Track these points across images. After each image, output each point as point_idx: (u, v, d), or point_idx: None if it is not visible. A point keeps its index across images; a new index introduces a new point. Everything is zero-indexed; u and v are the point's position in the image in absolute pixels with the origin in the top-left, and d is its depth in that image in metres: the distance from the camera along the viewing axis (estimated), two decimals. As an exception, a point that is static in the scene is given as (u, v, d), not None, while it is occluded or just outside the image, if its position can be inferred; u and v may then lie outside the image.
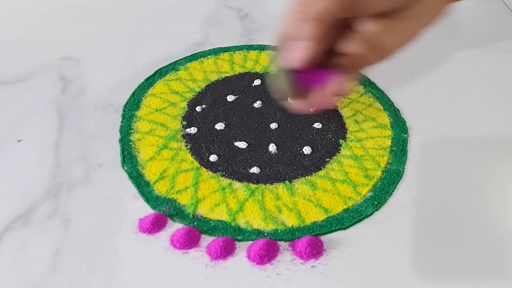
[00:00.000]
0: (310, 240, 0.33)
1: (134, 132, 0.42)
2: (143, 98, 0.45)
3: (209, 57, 0.50)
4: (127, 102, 0.44)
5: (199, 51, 0.51)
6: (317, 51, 0.28)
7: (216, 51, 0.51)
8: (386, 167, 0.39)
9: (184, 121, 0.43)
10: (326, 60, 0.30)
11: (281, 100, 0.33)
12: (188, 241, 0.33)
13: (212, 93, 0.46)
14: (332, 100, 0.32)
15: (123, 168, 0.39)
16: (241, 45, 0.52)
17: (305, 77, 0.31)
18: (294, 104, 0.32)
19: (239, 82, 0.47)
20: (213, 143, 0.41)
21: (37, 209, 0.35)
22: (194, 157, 0.40)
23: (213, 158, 0.39)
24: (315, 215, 0.36)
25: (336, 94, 0.31)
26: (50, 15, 0.56)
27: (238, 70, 0.49)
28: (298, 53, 0.28)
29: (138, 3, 0.58)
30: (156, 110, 0.44)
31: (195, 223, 0.35)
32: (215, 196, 0.37)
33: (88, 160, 0.39)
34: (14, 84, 0.46)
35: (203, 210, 0.36)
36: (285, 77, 0.31)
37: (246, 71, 0.48)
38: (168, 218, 0.35)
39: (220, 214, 0.35)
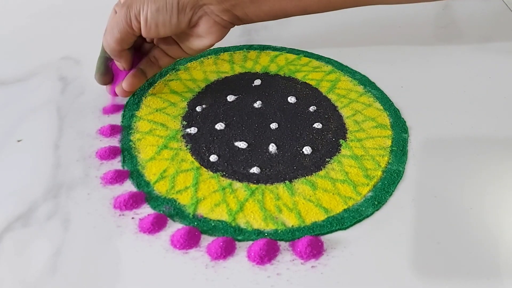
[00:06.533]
0: (310, 240, 0.33)
1: (134, 132, 0.42)
2: (143, 98, 0.45)
3: (209, 57, 0.50)
4: (127, 102, 0.44)
5: (199, 51, 0.51)
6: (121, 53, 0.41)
7: (216, 51, 0.51)
8: (386, 167, 0.39)
9: (184, 121, 0.43)
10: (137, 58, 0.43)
11: (96, 76, 0.43)
12: (188, 241, 0.33)
13: (212, 93, 0.46)
14: (123, 91, 0.43)
15: (123, 168, 0.38)
16: (241, 45, 0.52)
17: (115, 66, 0.43)
18: (104, 86, 0.44)
19: (239, 82, 0.47)
20: (213, 143, 0.41)
21: (37, 209, 0.35)
22: (194, 157, 0.40)
23: (213, 158, 0.39)
24: (315, 215, 0.36)
25: (126, 86, 0.42)
26: (50, 15, 0.57)
27: (238, 70, 0.49)
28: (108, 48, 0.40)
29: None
30: (156, 110, 0.44)
31: (195, 223, 0.35)
32: (215, 196, 0.37)
33: (88, 160, 0.39)
34: (14, 84, 0.46)
35: (203, 210, 0.36)
36: (102, 59, 0.43)
37: (246, 71, 0.48)
38: (168, 218, 0.35)
39: (220, 214, 0.35)
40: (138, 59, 0.44)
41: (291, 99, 0.45)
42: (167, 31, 0.40)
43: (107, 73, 0.43)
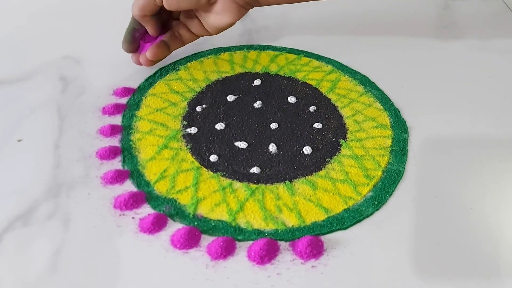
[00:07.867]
0: (311, 240, 0.33)
1: (134, 132, 0.42)
2: (144, 98, 0.45)
3: (209, 57, 0.50)
4: (127, 102, 0.45)
5: (199, 50, 0.51)
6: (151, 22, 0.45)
7: (216, 51, 0.51)
8: (386, 167, 0.39)
9: (184, 121, 0.43)
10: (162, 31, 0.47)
11: (122, 45, 0.46)
12: (188, 241, 0.33)
13: (212, 93, 0.46)
14: (146, 60, 0.46)
15: (123, 167, 0.39)
16: (241, 45, 0.52)
17: (142, 35, 0.46)
18: (130, 55, 0.47)
19: (239, 82, 0.47)
20: (214, 143, 0.41)
21: (37, 209, 0.35)
22: (194, 157, 0.40)
23: (213, 158, 0.39)
24: (315, 215, 0.36)
25: (149, 55, 0.45)
26: (50, 15, 0.57)
27: (238, 70, 0.49)
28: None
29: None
30: (157, 110, 0.44)
31: (196, 223, 0.35)
32: (216, 196, 0.37)
33: (88, 160, 0.39)
34: (14, 84, 0.46)
35: (204, 210, 0.36)
36: (130, 29, 0.46)
37: (246, 71, 0.49)
38: (168, 218, 0.35)
39: (220, 214, 0.35)
40: (164, 33, 0.47)
41: (291, 99, 0.45)
42: (187, 5, 0.43)
43: (133, 42, 0.46)
